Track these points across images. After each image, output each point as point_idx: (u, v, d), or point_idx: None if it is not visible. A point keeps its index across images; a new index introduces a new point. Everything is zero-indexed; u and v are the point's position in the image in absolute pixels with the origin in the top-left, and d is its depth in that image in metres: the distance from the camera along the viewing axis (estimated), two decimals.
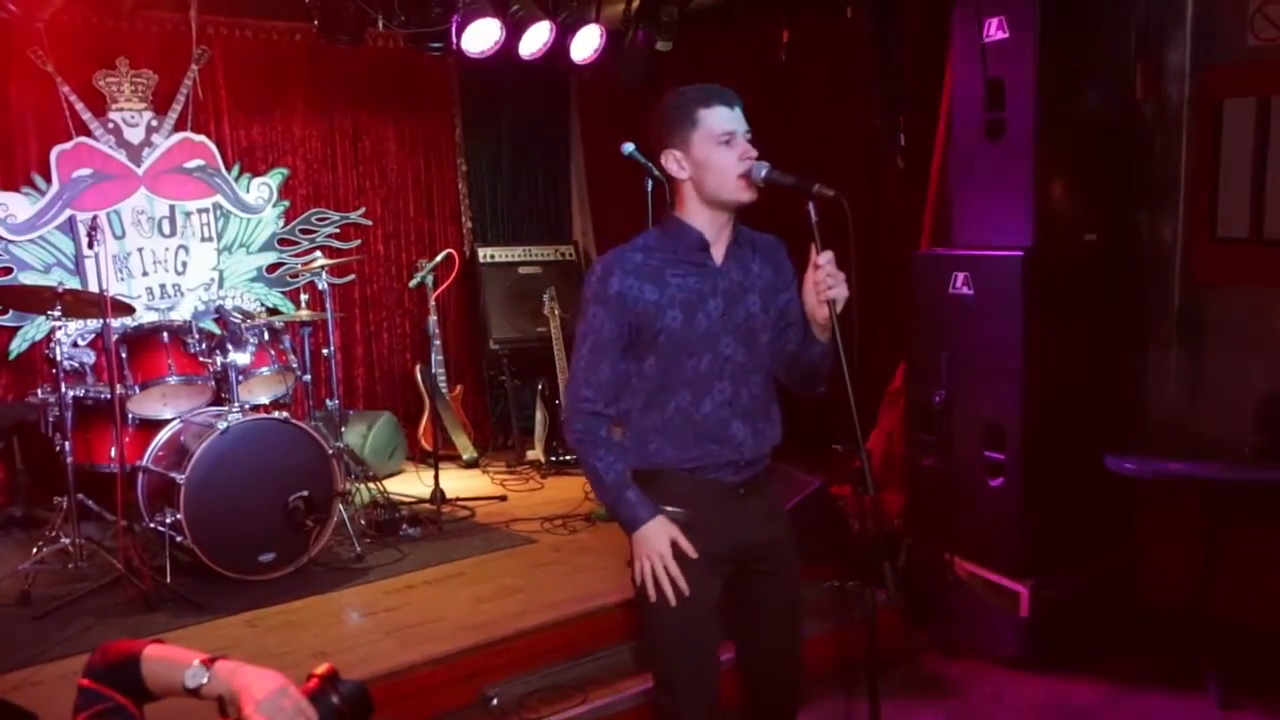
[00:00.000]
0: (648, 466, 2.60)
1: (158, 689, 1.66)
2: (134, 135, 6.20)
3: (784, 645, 2.78)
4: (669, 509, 2.57)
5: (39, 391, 5.03)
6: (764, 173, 2.50)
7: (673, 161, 2.55)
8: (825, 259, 2.47)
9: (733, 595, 2.68)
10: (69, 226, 5.98)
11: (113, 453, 4.85)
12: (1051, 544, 4.41)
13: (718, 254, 2.61)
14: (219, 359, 4.91)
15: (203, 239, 6.48)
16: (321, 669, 1.71)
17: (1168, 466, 4.03)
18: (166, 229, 6.35)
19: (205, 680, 1.63)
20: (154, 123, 6.25)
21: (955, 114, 4.74)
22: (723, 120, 2.51)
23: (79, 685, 1.66)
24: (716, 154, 2.50)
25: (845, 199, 2.42)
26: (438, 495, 5.65)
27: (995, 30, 4.38)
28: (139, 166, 6.22)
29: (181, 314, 6.20)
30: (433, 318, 6.99)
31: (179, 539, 4.47)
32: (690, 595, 2.56)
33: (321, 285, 5.71)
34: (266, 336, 5.13)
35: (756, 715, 2.86)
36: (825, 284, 2.46)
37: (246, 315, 5.20)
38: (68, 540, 4.63)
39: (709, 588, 2.61)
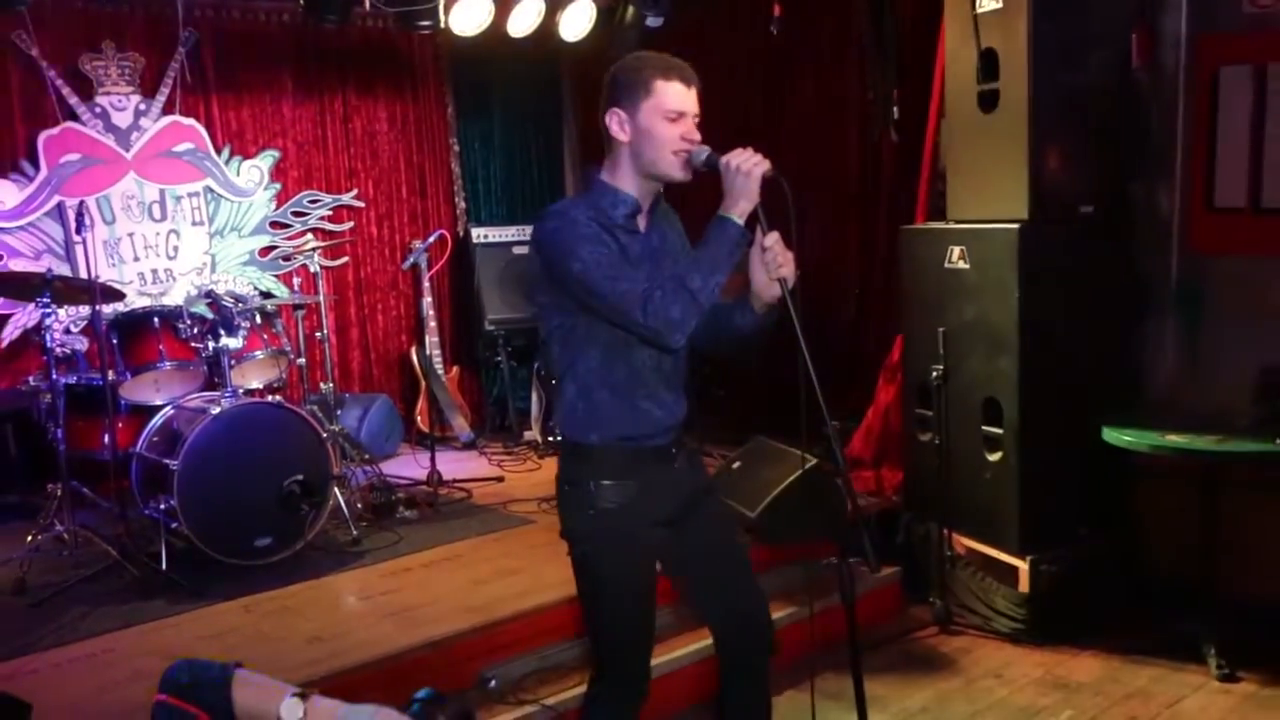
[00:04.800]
0: (594, 438, 2.61)
1: (245, 716, 1.61)
2: (122, 119, 6.14)
3: (738, 577, 2.82)
4: (611, 482, 2.59)
5: (31, 379, 4.99)
6: (704, 157, 2.52)
7: (616, 122, 2.57)
8: (772, 239, 2.50)
9: (677, 548, 2.74)
10: (58, 213, 5.94)
11: (106, 439, 4.82)
12: (1050, 518, 4.40)
13: (641, 221, 2.64)
14: (211, 344, 4.87)
15: (194, 223, 6.43)
16: (421, 693, 1.67)
17: (1165, 439, 4.01)
18: (157, 214, 6.30)
19: (301, 715, 1.58)
20: (142, 106, 6.19)
21: (949, 86, 4.71)
22: (676, 97, 2.52)
23: (156, 700, 1.60)
24: (661, 127, 2.52)
25: (785, 180, 2.42)
26: (434, 477, 5.63)
27: (988, 0, 4.34)
28: (127, 151, 6.16)
29: (174, 299, 6.15)
30: (427, 299, 6.96)
31: (174, 525, 4.45)
32: (635, 573, 2.67)
33: (314, 268, 5.68)
34: (259, 320, 5.10)
35: (732, 666, 2.86)
36: (775, 263, 2.48)
37: (239, 299, 5.17)
38: (62, 528, 4.61)
39: (651, 562, 2.71)
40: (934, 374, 4.54)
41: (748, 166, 2.41)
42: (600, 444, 2.61)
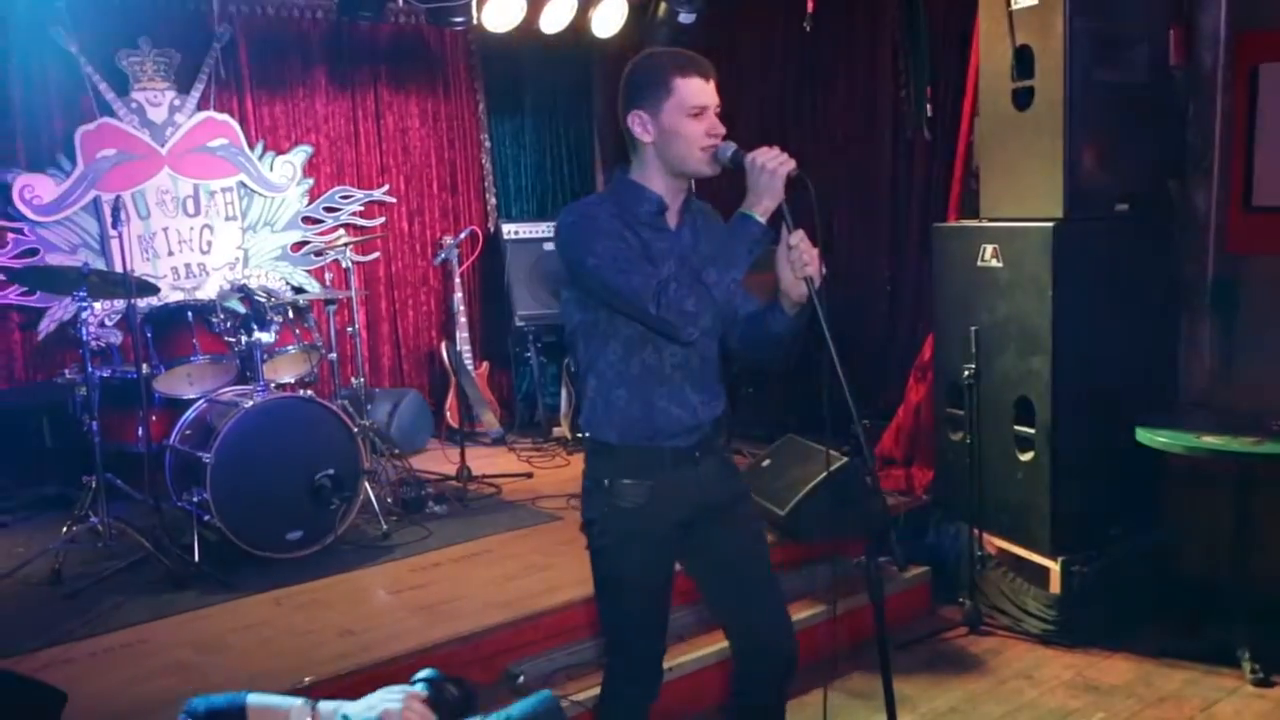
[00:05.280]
0: (613, 436, 2.61)
1: None
2: (157, 115, 6.19)
3: (762, 596, 2.78)
4: (628, 481, 2.59)
5: (67, 372, 5.05)
6: (729, 154, 2.50)
7: (638, 124, 2.55)
8: (797, 238, 2.47)
9: (699, 554, 2.74)
10: (94, 207, 5.99)
11: (140, 432, 4.86)
12: (1082, 519, 4.36)
13: (671, 218, 2.62)
14: (244, 338, 4.91)
15: (227, 218, 6.48)
16: (422, 673, 1.71)
17: (1201, 440, 3.96)
18: (191, 208, 6.35)
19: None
20: (177, 102, 6.25)
21: (982, 83, 4.67)
22: (697, 92, 2.50)
23: None
24: (685, 125, 2.50)
25: (810, 180, 2.39)
26: (464, 472, 5.65)
27: None
28: (162, 146, 6.21)
29: (207, 293, 6.20)
30: (458, 295, 6.98)
31: (206, 518, 4.49)
32: (650, 574, 2.67)
33: (346, 263, 5.71)
34: (291, 315, 5.13)
35: (748, 682, 2.83)
36: (800, 261, 2.45)
37: (271, 294, 5.21)
38: (97, 520, 4.64)
39: (667, 565, 2.71)
40: (966, 373, 4.51)
41: (773, 165, 2.39)
42: (618, 442, 2.61)
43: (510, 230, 7.30)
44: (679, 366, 2.60)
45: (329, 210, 6.86)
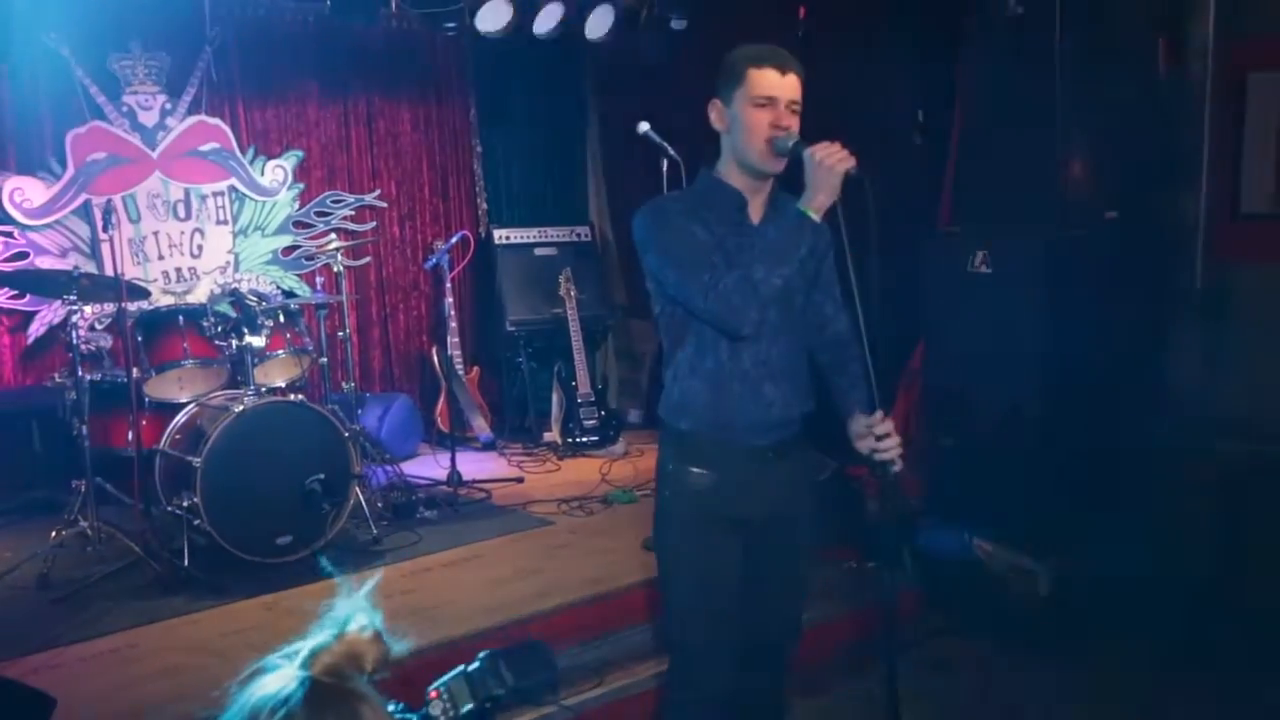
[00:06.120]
0: (685, 425, 2.62)
1: None
2: (148, 118, 6.18)
3: (784, 603, 2.80)
4: (694, 470, 2.60)
5: (56, 376, 5.03)
6: (790, 145, 2.48)
7: (714, 112, 2.58)
8: (883, 427, 2.51)
9: (746, 558, 2.71)
10: (85, 211, 5.98)
11: (130, 436, 4.85)
12: (1072, 523, 4.38)
13: (754, 214, 2.61)
14: (234, 342, 4.90)
15: (218, 222, 6.47)
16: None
17: (1190, 445, 3.98)
18: (182, 212, 6.34)
19: None
20: (168, 106, 6.23)
21: (974, 91, 4.69)
22: (767, 83, 2.51)
23: None
24: (750, 114, 2.50)
25: (869, 180, 2.39)
26: (454, 477, 5.64)
27: (1014, 5, 4.33)
28: (153, 150, 6.20)
29: (198, 297, 6.19)
30: (448, 300, 6.97)
31: (196, 522, 4.47)
32: (711, 563, 2.62)
33: (337, 268, 5.71)
34: (282, 319, 5.12)
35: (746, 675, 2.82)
36: (875, 447, 2.51)
37: (262, 298, 5.20)
38: (86, 524, 4.63)
39: (730, 555, 2.65)
40: (956, 379, 4.52)
41: (831, 161, 2.39)
42: (689, 430, 2.62)
43: (501, 235, 7.31)
44: (761, 363, 2.59)
45: (320, 215, 6.85)
